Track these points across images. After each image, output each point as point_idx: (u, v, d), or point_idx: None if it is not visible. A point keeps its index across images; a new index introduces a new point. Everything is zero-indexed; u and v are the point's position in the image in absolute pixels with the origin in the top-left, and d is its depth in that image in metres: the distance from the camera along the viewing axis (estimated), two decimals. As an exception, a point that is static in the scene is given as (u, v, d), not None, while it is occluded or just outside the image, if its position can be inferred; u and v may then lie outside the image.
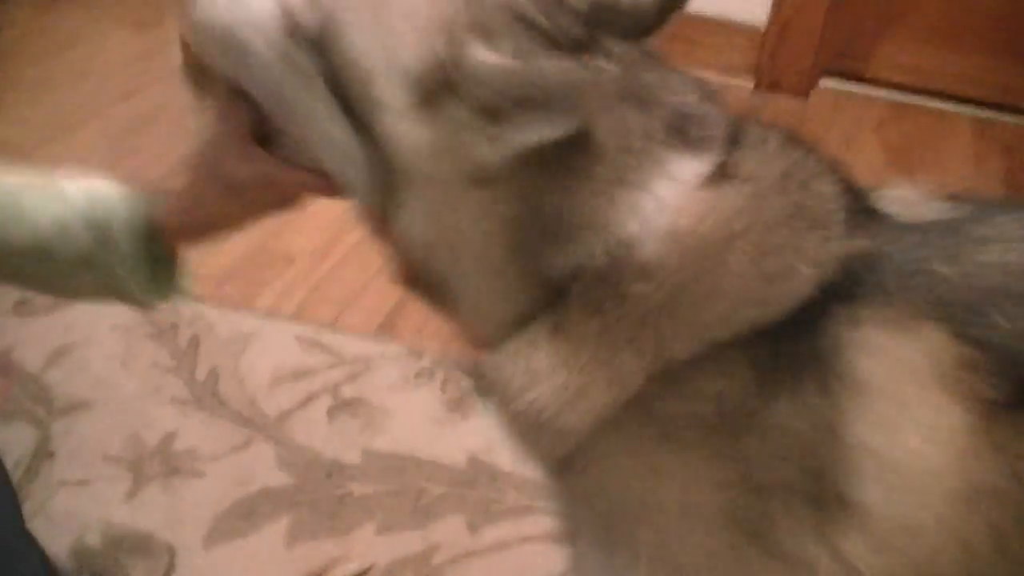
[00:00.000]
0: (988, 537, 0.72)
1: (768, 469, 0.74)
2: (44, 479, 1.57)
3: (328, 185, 0.87)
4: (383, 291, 2.05)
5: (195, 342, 1.86)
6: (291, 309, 1.98)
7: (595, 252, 0.76)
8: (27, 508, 1.45)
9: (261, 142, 0.91)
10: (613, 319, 0.76)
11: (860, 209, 0.80)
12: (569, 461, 0.81)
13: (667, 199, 0.76)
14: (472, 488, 1.62)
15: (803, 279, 0.75)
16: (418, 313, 2.00)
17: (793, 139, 0.81)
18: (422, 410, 1.76)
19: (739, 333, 0.75)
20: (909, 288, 0.75)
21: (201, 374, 1.79)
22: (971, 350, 0.72)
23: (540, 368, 0.78)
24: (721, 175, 0.77)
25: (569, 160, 0.75)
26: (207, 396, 1.75)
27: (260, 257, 2.11)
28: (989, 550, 0.72)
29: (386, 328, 1.95)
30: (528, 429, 0.81)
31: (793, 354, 0.74)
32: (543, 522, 1.57)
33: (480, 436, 1.71)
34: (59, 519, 1.52)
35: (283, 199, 0.94)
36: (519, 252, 0.78)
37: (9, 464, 1.52)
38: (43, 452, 1.61)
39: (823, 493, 0.73)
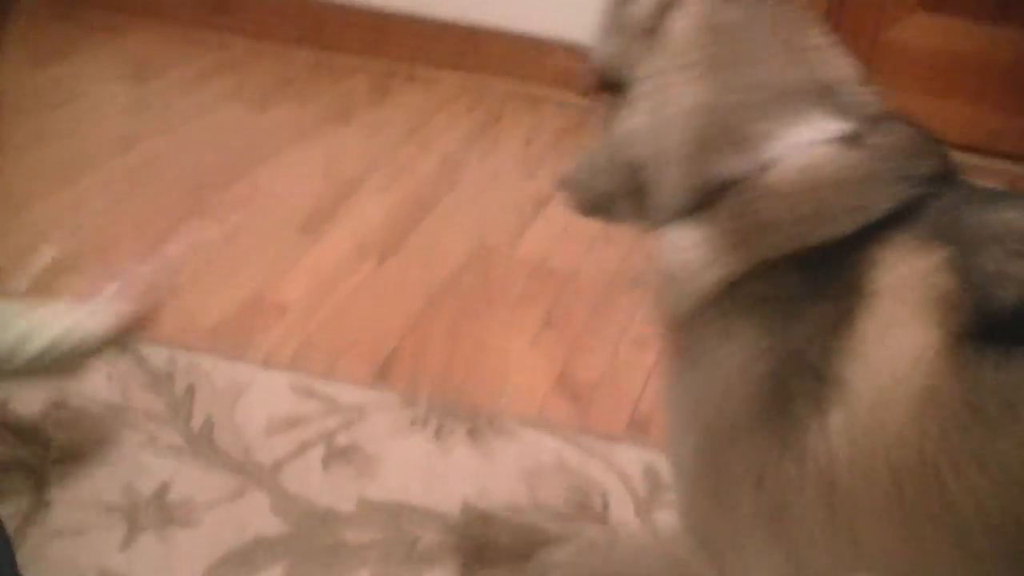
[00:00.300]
0: (938, 438, 0.91)
1: (798, 346, 0.98)
2: (40, 528, 1.58)
3: None
4: (377, 340, 2.07)
5: (191, 391, 1.87)
6: (286, 358, 1.99)
7: (747, 167, 1.03)
8: (22, 556, 1.46)
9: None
10: (742, 222, 1.03)
11: (944, 174, 1.03)
12: (692, 314, 1.07)
13: (804, 144, 1.03)
14: (466, 535, 1.63)
15: (866, 213, 0.98)
16: (412, 361, 2.02)
17: (919, 130, 1.06)
18: (416, 457, 1.77)
19: (808, 245, 0.99)
20: (933, 225, 0.97)
21: (196, 423, 1.80)
22: (957, 283, 0.92)
23: (693, 242, 1.06)
24: (852, 139, 1.02)
25: (756, 97, 1.06)
26: (202, 445, 1.76)
27: (255, 307, 2.13)
28: (936, 449, 0.91)
29: (380, 376, 1.97)
30: (672, 286, 1.08)
31: (839, 263, 0.98)
32: (536, 568, 1.58)
33: (474, 483, 1.72)
34: (54, 568, 1.52)
35: None
36: (702, 151, 1.06)
37: (5, 513, 1.53)
38: (39, 501, 1.62)
39: (827, 371, 0.96)
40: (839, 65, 1.09)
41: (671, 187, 1.08)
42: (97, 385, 1.86)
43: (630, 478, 1.76)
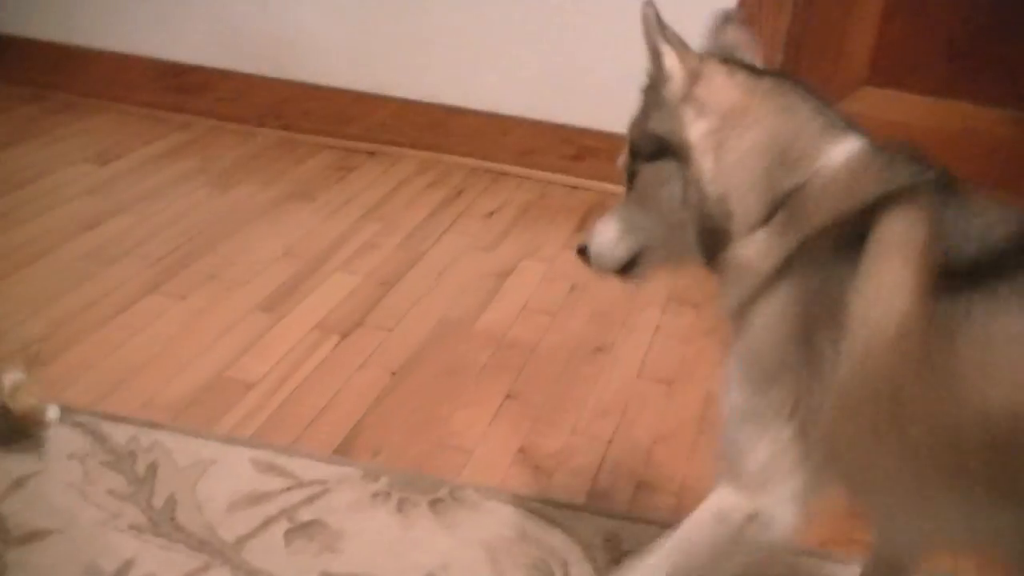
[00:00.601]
0: (907, 359, 1.19)
1: (821, 287, 1.27)
2: (0, 609, 1.57)
3: None
4: (340, 415, 2.08)
5: (153, 469, 1.87)
6: (249, 435, 2.00)
7: (801, 178, 1.32)
8: (-18, 638, 1.46)
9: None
10: (794, 214, 1.32)
11: (940, 177, 1.29)
12: (750, 299, 1.34)
13: (836, 157, 1.33)
14: (429, 608, 1.63)
15: (878, 189, 1.28)
16: (374, 435, 2.03)
17: (915, 147, 1.34)
18: (379, 531, 1.78)
19: (836, 219, 1.28)
20: (926, 199, 1.25)
21: (159, 501, 1.80)
22: (929, 235, 1.21)
23: (758, 241, 1.34)
24: (866, 153, 1.33)
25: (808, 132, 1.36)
26: (165, 523, 1.76)
27: (218, 384, 2.14)
28: (905, 369, 1.19)
29: (343, 451, 1.98)
30: (740, 275, 1.36)
31: (856, 228, 1.25)
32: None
33: (437, 556, 1.73)
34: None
35: None
36: (769, 176, 1.34)
37: (-35, 594, 1.52)
38: (-1, 582, 1.62)
39: (839, 304, 1.23)
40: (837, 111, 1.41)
41: (749, 210, 1.35)
42: (58, 463, 1.86)
43: (591, 548, 1.77)
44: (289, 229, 2.82)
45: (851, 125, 1.38)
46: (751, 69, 1.42)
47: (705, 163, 1.36)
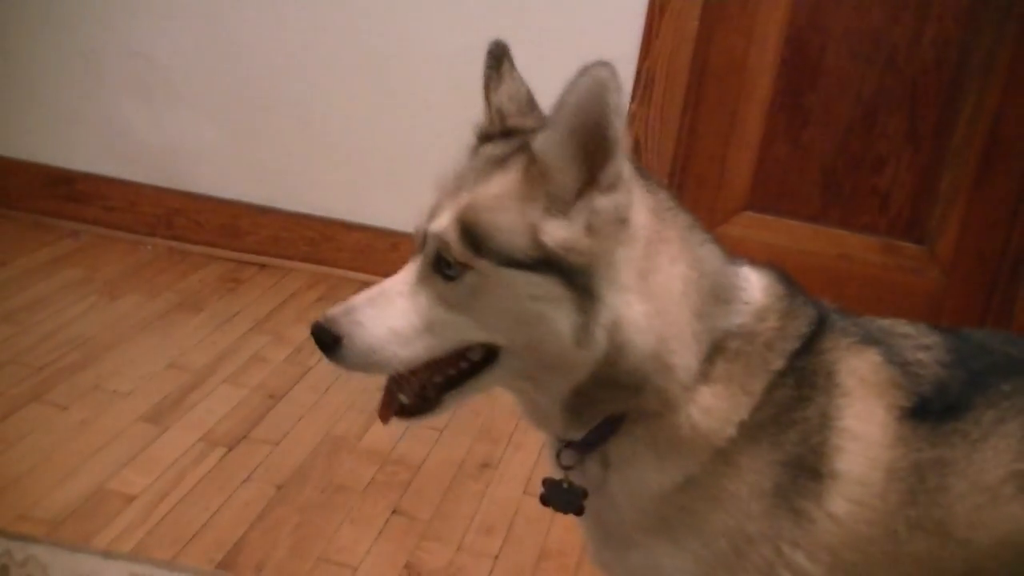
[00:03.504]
0: (898, 505, 1.14)
1: (795, 450, 1.15)
2: None
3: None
4: (222, 529, 2.06)
5: (27, 584, 1.83)
6: (129, 548, 1.96)
7: (737, 318, 1.18)
8: None
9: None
10: (744, 361, 1.17)
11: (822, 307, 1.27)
12: (699, 476, 1.16)
13: (756, 291, 1.21)
14: None
15: (804, 330, 1.21)
16: (257, 551, 2.01)
17: (781, 269, 1.28)
18: (261, 649, 1.76)
19: (789, 363, 1.18)
20: (853, 332, 1.22)
21: (33, 617, 1.76)
22: (895, 371, 1.19)
23: (709, 401, 1.16)
24: (772, 283, 1.24)
25: (721, 261, 1.23)
26: (38, 640, 1.71)
27: (99, 496, 2.10)
28: (897, 514, 1.14)
29: (225, 566, 1.96)
30: (681, 446, 1.16)
31: (808, 371, 1.18)
32: None
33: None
34: None
35: None
36: (705, 317, 1.16)
37: None
38: None
39: (822, 467, 1.14)
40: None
41: (689, 362, 1.15)
42: (-72, 578, 1.80)
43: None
44: (176, 340, 2.80)
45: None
46: (645, 176, 1.18)
47: (635, 304, 1.11)
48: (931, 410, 1.17)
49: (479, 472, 2.38)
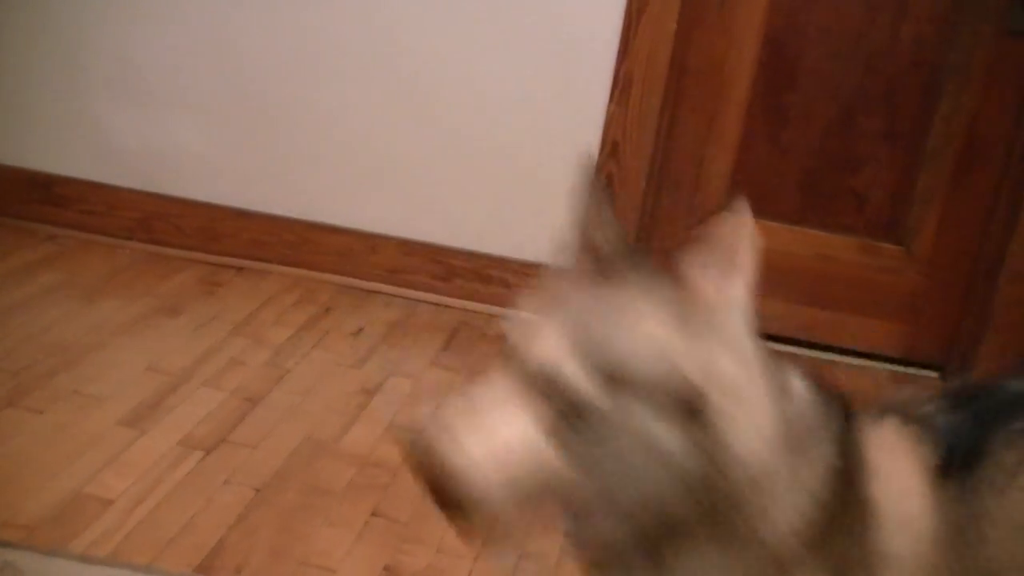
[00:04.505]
0: (944, 569, 1.13)
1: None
2: None
3: None
4: (201, 533, 2.05)
5: (4, 589, 1.82)
6: (106, 553, 1.95)
7: (833, 459, 1.12)
8: None
9: None
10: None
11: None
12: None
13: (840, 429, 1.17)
14: None
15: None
16: (236, 554, 2.00)
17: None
18: (239, 653, 1.75)
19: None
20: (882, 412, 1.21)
21: (9, 622, 1.75)
22: (917, 429, 1.18)
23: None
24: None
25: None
26: (14, 645, 1.70)
27: (76, 500, 2.09)
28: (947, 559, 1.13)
29: (204, 570, 1.95)
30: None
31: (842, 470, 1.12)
32: None
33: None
34: None
35: None
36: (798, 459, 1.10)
37: None
38: None
39: (875, 552, 1.12)
40: None
41: (787, 506, 1.08)
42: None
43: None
44: (154, 344, 2.79)
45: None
46: None
47: (734, 432, 1.06)
48: (963, 472, 1.16)
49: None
